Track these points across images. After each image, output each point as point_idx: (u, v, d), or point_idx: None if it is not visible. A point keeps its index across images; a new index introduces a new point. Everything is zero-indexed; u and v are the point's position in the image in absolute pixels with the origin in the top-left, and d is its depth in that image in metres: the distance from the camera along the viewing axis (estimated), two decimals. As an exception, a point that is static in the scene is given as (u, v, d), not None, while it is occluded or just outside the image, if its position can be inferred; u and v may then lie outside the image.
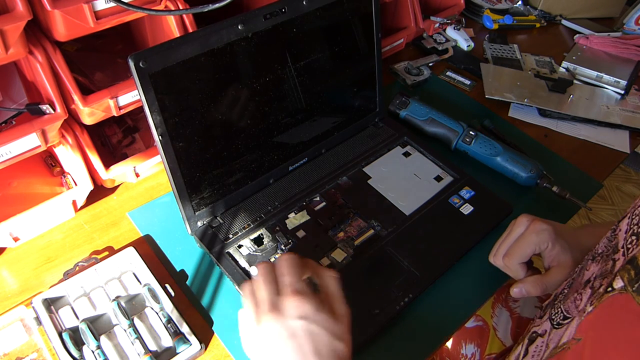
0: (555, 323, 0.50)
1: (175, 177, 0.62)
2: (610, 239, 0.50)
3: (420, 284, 0.65)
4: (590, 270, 0.50)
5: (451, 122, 0.85)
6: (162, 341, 0.60)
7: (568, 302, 0.50)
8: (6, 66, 0.64)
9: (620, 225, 0.49)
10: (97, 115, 0.66)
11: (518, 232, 0.65)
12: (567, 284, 0.56)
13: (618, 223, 0.50)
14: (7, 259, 0.68)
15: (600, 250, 0.51)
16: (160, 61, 0.56)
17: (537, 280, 0.63)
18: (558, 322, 0.50)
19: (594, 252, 0.53)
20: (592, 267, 0.50)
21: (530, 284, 0.64)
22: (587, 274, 0.51)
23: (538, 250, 0.63)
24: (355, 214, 0.73)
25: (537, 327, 0.55)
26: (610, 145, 0.94)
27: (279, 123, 0.72)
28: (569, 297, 0.51)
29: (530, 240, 0.63)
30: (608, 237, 0.51)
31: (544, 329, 0.53)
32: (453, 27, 1.13)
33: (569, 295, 0.51)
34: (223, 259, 0.66)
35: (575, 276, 0.55)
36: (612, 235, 0.50)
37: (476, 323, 0.85)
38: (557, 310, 0.52)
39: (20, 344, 0.59)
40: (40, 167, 0.76)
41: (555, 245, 0.62)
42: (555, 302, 0.55)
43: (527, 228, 0.64)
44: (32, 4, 0.54)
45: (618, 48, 1.14)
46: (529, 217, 0.65)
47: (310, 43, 0.71)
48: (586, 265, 0.53)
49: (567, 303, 0.50)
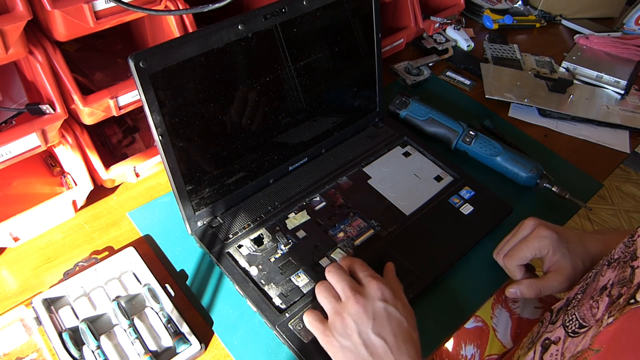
0: (571, 331, 0.50)
1: (175, 177, 0.62)
2: (627, 245, 0.50)
3: (420, 284, 0.65)
4: (606, 277, 0.50)
5: (451, 122, 0.85)
6: (162, 341, 0.60)
7: (583, 309, 0.50)
8: (6, 66, 0.64)
9: (639, 231, 0.49)
10: (97, 115, 0.66)
11: (522, 235, 0.65)
12: (581, 289, 0.55)
13: (637, 229, 0.49)
14: (7, 259, 0.68)
15: (617, 255, 0.51)
16: (160, 61, 0.56)
17: (532, 284, 0.64)
18: (574, 330, 0.50)
19: (610, 257, 0.52)
20: (607, 273, 0.50)
21: (525, 286, 0.65)
22: (602, 279, 0.50)
23: (539, 255, 0.64)
24: (355, 214, 0.73)
25: (550, 334, 0.54)
26: (610, 145, 0.94)
27: (279, 123, 0.72)
28: (584, 303, 0.50)
29: (532, 246, 0.64)
30: (625, 242, 0.51)
31: (557, 336, 0.52)
32: (453, 27, 1.13)
33: (584, 302, 0.51)
34: (223, 259, 0.66)
35: (589, 281, 0.54)
36: (629, 241, 0.49)
37: (476, 324, 0.85)
38: (571, 317, 0.51)
39: (20, 344, 0.59)
40: (40, 167, 0.76)
41: (556, 252, 0.63)
42: (568, 308, 0.54)
43: (532, 232, 0.65)
44: (32, 4, 0.54)
45: (618, 48, 1.14)
46: (536, 222, 0.65)
47: (310, 43, 0.71)
48: (601, 270, 0.52)
49: (582, 310, 0.50)
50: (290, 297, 0.62)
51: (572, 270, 0.62)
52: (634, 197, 2.06)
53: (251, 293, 0.62)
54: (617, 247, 0.52)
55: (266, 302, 0.61)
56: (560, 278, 0.63)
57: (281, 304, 0.62)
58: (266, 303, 0.61)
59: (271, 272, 0.65)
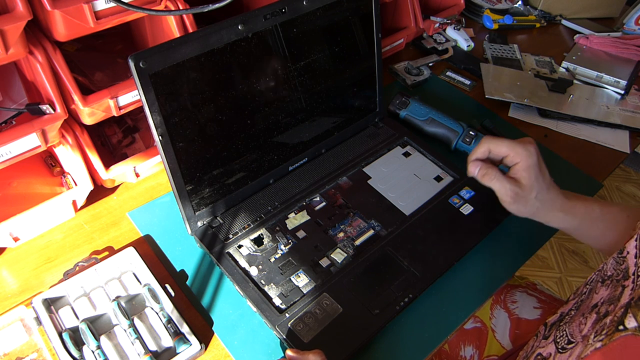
0: (560, 347, 0.50)
1: (175, 177, 0.62)
2: (618, 262, 0.49)
3: (420, 284, 0.65)
4: (600, 294, 0.50)
5: (451, 122, 0.85)
6: (162, 341, 0.60)
7: (573, 325, 0.50)
8: (6, 66, 0.64)
9: (628, 247, 0.48)
10: (97, 115, 0.66)
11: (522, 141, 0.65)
12: (575, 305, 0.55)
13: (625, 245, 0.49)
14: (7, 259, 0.68)
15: (609, 272, 0.50)
16: (160, 61, 0.56)
17: (490, 167, 0.65)
18: (562, 347, 0.50)
19: (603, 273, 0.52)
20: (601, 291, 0.50)
21: (482, 165, 0.65)
22: (595, 297, 0.50)
23: (511, 157, 0.64)
24: (355, 214, 0.73)
25: (542, 349, 0.54)
26: (610, 145, 0.94)
27: (279, 123, 0.72)
28: (575, 319, 0.50)
29: (513, 145, 0.63)
30: (615, 258, 0.50)
31: (548, 352, 0.52)
32: (453, 27, 1.13)
33: (575, 318, 0.51)
34: (223, 259, 0.66)
35: (583, 298, 0.54)
36: (619, 258, 0.49)
37: (474, 325, 0.85)
38: (562, 333, 0.51)
39: (20, 344, 0.59)
40: (40, 167, 0.76)
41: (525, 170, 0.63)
42: (560, 323, 0.54)
43: (525, 142, 0.64)
44: (32, 4, 0.54)
45: (618, 48, 1.14)
46: (534, 144, 0.64)
47: (311, 43, 0.71)
48: (595, 287, 0.52)
49: (572, 326, 0.50)
50: (290, 297, 0.62)
51: (523, 192, 0.63)
52: (634, 197, 2.06)
53: (251, 293, 0.62)
54: (609, 262, 0.51)
55: (266, 302, 0.61)
56: (511, 187, 0.63)
57: (281, 304, 0.62)
58: (266, 303, 0.61)
59: (271, 272, 0.65)
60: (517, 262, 0.72)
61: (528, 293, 0.86)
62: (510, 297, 0.86)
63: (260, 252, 0.67)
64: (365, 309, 0.62)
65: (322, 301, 0.62)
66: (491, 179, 0.64)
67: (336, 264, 0.66)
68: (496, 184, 0.64)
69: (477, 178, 0.65)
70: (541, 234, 0.74)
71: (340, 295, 0.63)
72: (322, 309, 0.61)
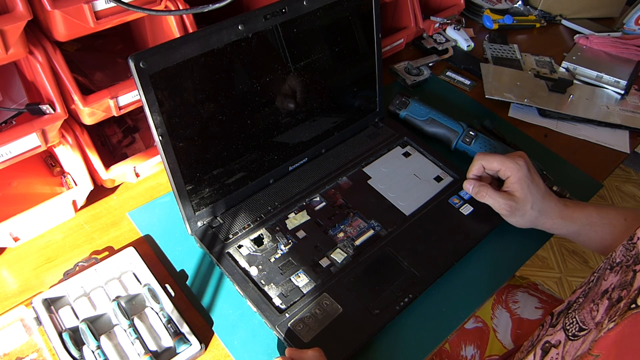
0: (571, 334, 0.50)
1: (175, 177, 0.62)
2: (628, 248, 0.49)
3: (420, 284, 0.65)
4: (609, 281, 0.50)
5: (451, 122, 0.85)
6: (162, 341, 0.60)
7: (584, 312, 0.50)
8: (6, 66, 0.64)
9: (639, 234, 0.48)
10: (97, 115, 0.66)
11: (512, 156, 0.69)
12: (583, 293, 0.55)
13: (636, 231, 0.49)
14: (7, 259, 0.68)
15: (619, 259, 0.51)
16: (160, 61, 0.56)
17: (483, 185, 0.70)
18: (574, 334, 0.50)
19: (612, 261, 0.52)
20: (610, 277, 0.50)
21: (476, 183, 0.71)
22: (604, 284, 0.50)
23: (503, 171, 0.69)
24: (355, 214, 0.73)
25: (550, 337, 0.54)
26: (610, 145, 0.94)
27: (279, 123, 0.72)
28: (585, 307, 0.50)
29: (504, 160, 0.68)
30: (625, 245, 0.50)
31: (557, 339, 0.52)
32: (453, 27, 1.13)
33: (585, 305, 0.51)
34: (223, 259, 0.66)
35: (591, 285, 0.54)
36: (629, 244, 0.49)
37: (476, 324, 0.85)
38: (571, 320, 0.51)
39: (20, 344, 0.59)
40: (40, 167, 0.76)
41: (517, 182, 0.67)
42: (569, 311, 0.54)
43: (516, 156, 0.69)
44: (32, 4, 0.54)
45: (618, 48, 1.14)
46: (525, 156, 0.69)
47: (311, 43, 0.71)
48: (604, 274, 0.52)
49: (583, 313, 0.50)
50: (290, 297, 0.62)
51: (517, 204, 0.67)
52: (634, 197, 2.06)
53: (251, 293, 0.62)
54: (618, 250, 0.52)
55: (266, 302, 0.61)
56: (505, 201, 0.68)
57: (281, 304, 0.62)
58: (266, 303, 0.61)
59: (271, 272, 0.65)
60: (517, 262, 0.72)
61: (530, 293, 0.86)
62: (512, 297, 0.86)
63: (260, 252, 0.67)
64: (365, 309, 0.62)
65: (322, 301, 0.62)
66: (484, 196, 0.69)
67: (336, 264, 0.66)
68: (489, 200, 0.69)
69: (472, 195, 0.71)
70: (541, 234, 0.73)
71: (340, 296, 0.63)
72: (322, 309, 0.61)
